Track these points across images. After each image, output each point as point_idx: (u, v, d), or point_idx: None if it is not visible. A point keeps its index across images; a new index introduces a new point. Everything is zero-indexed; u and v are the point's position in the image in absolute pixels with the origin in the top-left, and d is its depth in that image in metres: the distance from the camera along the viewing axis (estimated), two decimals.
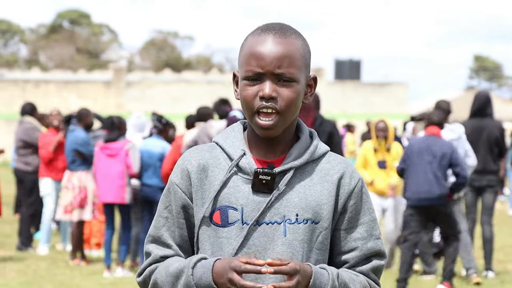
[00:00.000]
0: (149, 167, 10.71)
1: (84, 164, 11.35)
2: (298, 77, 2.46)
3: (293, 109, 2.46)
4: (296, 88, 2.45)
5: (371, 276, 2.52)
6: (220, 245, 2.46)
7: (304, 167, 2.50)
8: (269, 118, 2.43)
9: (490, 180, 10.32)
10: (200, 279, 2.39)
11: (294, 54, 2.45)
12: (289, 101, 2.44)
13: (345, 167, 2.53)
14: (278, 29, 2.48)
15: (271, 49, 2.43)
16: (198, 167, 2.51)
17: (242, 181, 2.48)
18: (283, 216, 2.45)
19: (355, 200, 2.52)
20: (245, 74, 2.46)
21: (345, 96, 45.24)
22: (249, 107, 2.45)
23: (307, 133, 2.56)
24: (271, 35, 2.46)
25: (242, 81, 2.47)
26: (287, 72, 2.43)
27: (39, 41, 75.95)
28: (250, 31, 2.53)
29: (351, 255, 2.51)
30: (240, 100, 2.50)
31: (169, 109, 40.46)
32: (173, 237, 2.53)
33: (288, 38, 2.47)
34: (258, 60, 2.43)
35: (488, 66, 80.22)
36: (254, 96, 2.44)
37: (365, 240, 2.51)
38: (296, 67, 2.45)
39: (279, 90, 2.43)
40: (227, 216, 2.46)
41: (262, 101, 2.43)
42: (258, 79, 2.44)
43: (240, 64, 2.50)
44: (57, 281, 10.12)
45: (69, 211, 11.27)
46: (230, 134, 2.56)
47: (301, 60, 2.47)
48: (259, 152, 2.51)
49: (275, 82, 2.44)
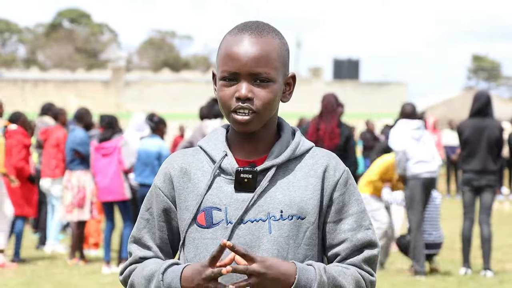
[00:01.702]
0: (146, 167, 10.71)
1: (82, 163, 11.35)
2: (275, 77, 2.45)
3: (269, 109, 2.46)
4: (273, 88, 2.45)
5: (364, 267, 2.49)
6: (206, 246, 2.46)
7: (287, 165, 2.50)
8: (245, 114, 2.43)
9: (489, 180, 10.31)
10: (169, 285, 2.41)
11: (270, 54, 2.44)
12: (265, 102, 2.44)
13: (329, 160, 2.53)
14: (255, 29, 2.47)
15: (246, 50, 2.43)
16: (181, 171, 2.53)
17: (225, 182, 2.48)
18: (268, 213, 2.45)
19: (341, 192, 2.51)
20: (221, 74, 2.46)
21: (344, 96, 45.13)
22: (226, 106, 2.46)
23: (289, 131, 2.56)
24: (247, 35, 2.45)
25: (219, 81, 2.48)
26: (263, 72, 2.43)
27: (38, 41, 75.93)
28: (228, 30, 2.52)
29: (342, 247, 2.49)
30: (218, 100, 2.51)
31: (168, 108, 40.44)
32: (154, 239, 2.56)
33: (265, 37, 2.46)
34: (234, 60, 2.43)
35: (486, 66, 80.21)
36: (230, 96, 2.44)
37: (355, 231, 2.49)
38: (273, 67, 2.44)
39: (255, 90, 2.43)
40: (211, 217, 2.47)
41: (238, 102, 2.43)
42: (235, 79, 2.44)
43: (217, 64, 2.50)
44: (55, 281, 10.12)
45: (69, 211, 11.28)
46: (212, 137, 2.57)
47: (278, 60, 2.46)
48: (242, 153, 2.52)
49: (251, 82, 2.43)
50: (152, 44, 77.81)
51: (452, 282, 9.95)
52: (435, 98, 52.16)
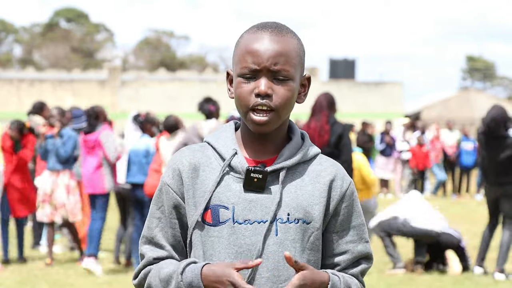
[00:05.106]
0: (134, 165, 10.72)
1: (66, 164, 11.15)
2: (294, 76, 2.45)
3: (287, 107, 2.46)
4: (292, 87, 2.45)
5: (360, 278, 2.56)
6: (212, 244, 2.45)
7: (296, 168, 2.50)
8: (263, 114, 2.43)
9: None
10: (190, 284, 2.39)
11: (290, 52, 2.44)
12: (284, 99, 2.43)
13: (337, 170, 2.54)
14: (275, 27, 2.47)
15: (267, 46, 2.43)
16: (190, 166, 2.51)
17: (233, 180, 2.47)
18: (275, 215, 2.45)
19: (347, 203, 2.53)
20: (240, 71, 2.45)
21: (340, 96, 45.22)
22: (244, 104, 2.44)
23: (299, 134, 2.56)
24: (267, 32, 2.45)
25: (237, 78, 2.46)
26: (283, 70, 2.43)
27: (34, 41, 75.87)
28: (245, 30, 2.52)
29: (342, 258, 2.53)
30: (235, 98, 2.49)
31: (164, 108, 40.43)
32: (167, 238, 2.53)
33: (284, 36, 2.46)
34: (254, 57, 2.42)
35: (480, 67, 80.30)
36: (249, 93, 2.43)
37: (355, 243, 2.53)
38: (292, 65, 2.44)
39: (275, 87, 2.43)
40: (218, 215, 2.45)
41: (257, 98, 2.42)
42: (254, 76, 2.43)
43: (235, 62, 2.49)
44: (51, 280, 10.11)
45: (54, 212, 11.17)
46: (221, 134, 2.56)
47: (297, 59, 2.47)
48: (251, 152, 2.51)
49: (270, 79, 2.43)
50: (148, 44, 77.80)
51: (447, 281, 9.96)
52: (431, 98, 52.24)
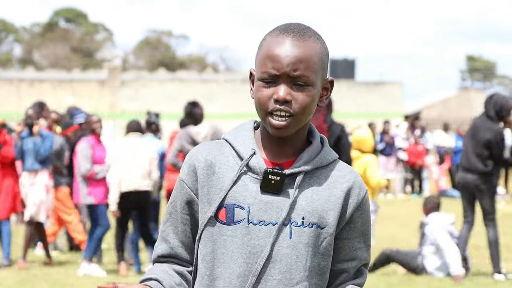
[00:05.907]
0: None
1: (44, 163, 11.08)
2: (314, 81, 2.43)
3: (307, 113, 2.44)
4: (312, 92, 2.43)
5: (361, 285, 2.58)
6: (224, 243, 2.45)
7: (313, 172, 2.49)
8: (282, 119, 2.41)
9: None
10: None
11: (311, 58, 2.41)
12: (303, 105, 2.41)
13: (355, 177, 2.53)
14: (297, 31, 2.43)
15: (288, 52, 2.40)
16: (205, 163, 2.50)
17: (250, 180, 2.46)
18: (290, 218, 2.44)
19: (361, 211, 2.53)
20: (260, 75, 2.43)
21: (340, 96, 45.24)
22: (263, 108, 2.43)
23: (319, 139, 2.55)
24: (289, 37, 2.42)
25: (257, 82, 2.45)
26: (303, 76, 2.40)
27: (34, 40, 75.89)
28: (268, 31, 2.49)
29: (351, 265, 2.54)
30: (254, 101, 2.47)
31: (164, 108, 40.43)
32: (176, 233, 2.54)
33: (307, 41, 2.43)
34: (274, 62, 2.40)
35: (479, 66, 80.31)
36: (268, 98, 2.42)
37: (363, 250, 2.55)
38: (313, 71, 2.42)
39: (294, 93, 2.41)
40: (233, 214, 2.44)
41: (276, 104, 2.40)
42: (274, 81, 2.41)
43: (256, 65, 2.47)
44: (51, 280, 10.11)
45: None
46: (240, 133, 2.54)
47: (318, 64, 2.44)
48: (269, 153, 2.50)
49: (290, 85, 2.41)
50: (148, 44, 77.81)
51: (447, 282, 9.97)
52: (431, 98, 52.25)
